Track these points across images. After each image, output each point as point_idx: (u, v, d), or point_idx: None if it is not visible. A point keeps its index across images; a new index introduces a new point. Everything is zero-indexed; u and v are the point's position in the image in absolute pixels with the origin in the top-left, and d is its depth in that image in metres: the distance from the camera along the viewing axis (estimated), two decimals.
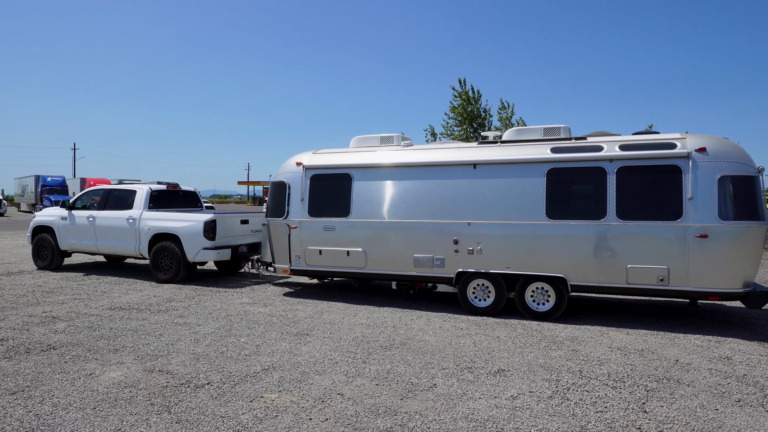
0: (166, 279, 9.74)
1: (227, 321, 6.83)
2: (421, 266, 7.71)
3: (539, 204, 7.07)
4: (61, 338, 5.90)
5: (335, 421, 3.83)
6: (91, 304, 7.75)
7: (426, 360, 5.30)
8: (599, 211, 6.80)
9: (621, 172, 6.74)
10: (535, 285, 7.19)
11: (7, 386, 4.43)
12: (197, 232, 9.50)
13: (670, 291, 6.55)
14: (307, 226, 8.39)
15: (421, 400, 4.25)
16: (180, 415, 3.90)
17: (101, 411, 3.96)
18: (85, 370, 4.86)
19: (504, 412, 4.01)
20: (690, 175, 6.43)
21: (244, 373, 4.82)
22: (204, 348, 5.61)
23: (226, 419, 3.84)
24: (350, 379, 4.73)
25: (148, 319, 6.86)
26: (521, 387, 4.56)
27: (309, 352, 5.53)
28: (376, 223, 7.95)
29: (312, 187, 8.45)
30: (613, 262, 6.71)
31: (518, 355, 5.51)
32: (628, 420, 3.89)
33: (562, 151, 7.12)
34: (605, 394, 4.42)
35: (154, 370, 4.87)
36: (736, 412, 4.07)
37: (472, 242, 7.39)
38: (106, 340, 5.87)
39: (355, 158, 8.31)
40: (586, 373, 4.93)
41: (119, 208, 10.44)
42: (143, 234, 9.98)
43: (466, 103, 26.93)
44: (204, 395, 4.29)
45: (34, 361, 5.09)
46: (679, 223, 6.42)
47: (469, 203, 7.44)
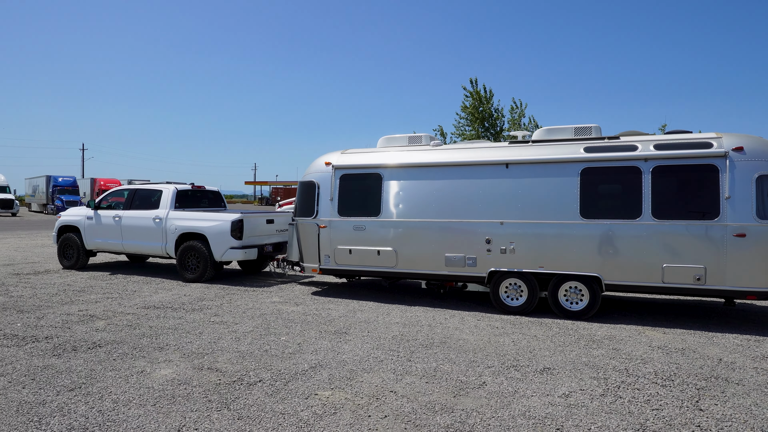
0: (193, 278, 9.81)
1: (263, 320, 6.88)
2: (452, 265, 7.73)
3: (573, 203, 7.08)
4: (104, 336, 5.96)
5: (394, 419, 3.86)
6: (124, 303, 7.81)
7: (469, 358, 5.33)
8: (634, 211, 6.80)
9: (656, 172, 6.75)
10: (569, 284, 7.20)
11: (64, 383, 4.48)
12: (224, 231, 9.55)
13: (707, 290, 6.55)
14: (336, 226, 8.43)
15: (474, 398, 4.27)
16: (240, 411, 3.94)
17: (162, 407, 4.00)
18: (135, 367, 4.92)
19: (560, 410, 4.03)
20: (727, 175, 6.43)
21: (293, 371, 4.85)
22: (247, 346, 5.65)
23: (287, 416, 3.87)
24: (399, 377, 4.76)
25: (185, 318, 6.91)
26: (571, 385, 4.58)
27: (351, 350, 5.56)
28: (408, 223, 7.98)
29: (342, 187, 8.49)
30: (648, 262, 6.72)
31: (560, 353, 5.53)
32: (686, 418, 3.91)
33: (595, 151, 7.13)
34: (656, 392, 4.43)
35: (203, 368, 4.91)
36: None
37: (505, 241, 7.41)
38: (148, 338, 5.92)
39: (386, 158, 8.34)
40: (632, 372, 4.94)
41: (145, 207, 10.52)
42: (170, 233, 10.04)
43: (478, 103, 26.94)
44: (259, 392, 4.33)
45: (83, 359, 5.14)
46: (717, 222, 6.42)
47: (501, 203, 7.46)
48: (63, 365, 4.95)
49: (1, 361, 5.05)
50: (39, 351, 5.38)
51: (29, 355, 5.25)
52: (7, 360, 5.07)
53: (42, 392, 4.28)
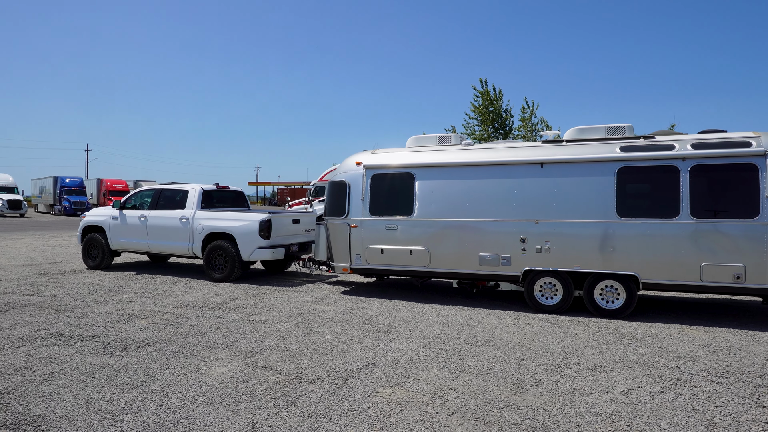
0: (221, 278, 9.84)
1: (302, 319, 6.90)
2: (486, 264, 7.75)
3: (610, 202, 7.10)
4: (149, 335, 5.99)
5: (462, 415, 3.89)
6: (158, 302, 7.84)
7: (518, 356, 5.35)
8: (672, 210, 6.82)
9: (694, 171, 6.77)
10: (605, 283, 7.22)
11: (125, 381, 4.51)
12: (253, 231, 9.58)
13: (747, 289, 6.57)
14: (368, 225, 8.46)
15: (534, 395, 4.29)
16: (308, 408, 3.97)
17: (229, 404, 4.03)
18: (189, 365, 4.94)
19: (624, 407, 4.05)
20: (766, 173, 6.45)
21: (348, 369, 4.88)
22: (294, 345, 5.68)
23: (355, 413, 3.90)
24: (454, 375, 4.78)
25: (224, 317, 6.94)
26: (627, 383, 4.60)
27: (399, 348, 5.59)
28: (441, 222, 8.01)
29: (373, 187, 8.52)
30: (687, 260, 6.74)
31: (606, 352, 5.55)
32: (752, 415, 3.93)
33: (632, 150, 7.15)
34: (714, 389, 4.45)
35: (257, 366, 4.94)
36: None
37: (540, 241, 7.44)
38: (193, 337, 5.95)
39: (418, 158, 8.37)
40: (684, 370, 4.97)
41: (171, 207, 10.55)
42: (197, 233, 10.07)
43: (488, 103, 26.98)
44: (321, 390, 4.35)
45: (136, 357, 5.17)
46: (757, 221, 6.44)
47: (536, 202, 7.48)
48: (118, 363, 4.98)
49: (57, 359, 5.08)
50: (90, 349, 5.41)
51: (81, 353, 5.28)
52: (62, 358, 5.11)
53: (106, 390, 4.31)
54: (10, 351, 5.32)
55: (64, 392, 4.25)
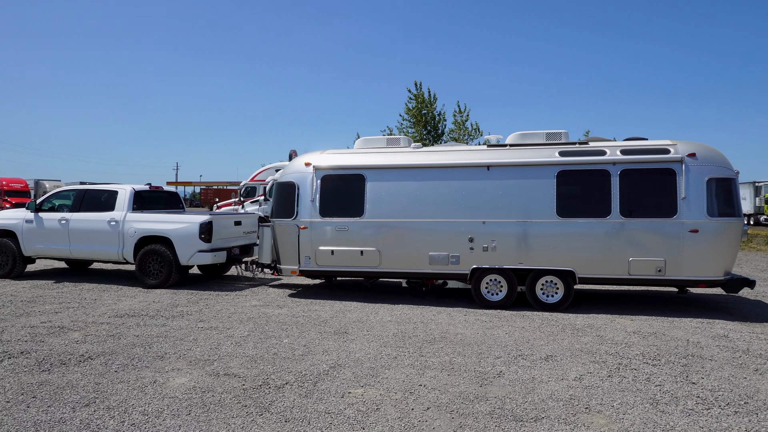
0: (156, 284, 9.35)
1: (254, 324, 6.75)
2: (436, 264, 7.97)
3: (550, 203, 7.56)
4: (89, 348, 5.61)
5: (437, 410, 4.02)
6: (90, 313, 7.34)
7: (475, 351, 5.58)
8: (605, 210, 7.39)
9: (623, 175, 7.37)
10: (545, 278, 7.68)
11: (73, 399, 4.21)
12: (192, 234, 9.21)
13: (667, 280, 7.26)
14: (318, 227, 8.41)
15: (498, 386, 4.51)
16: (283, 414, 3.93)
17: (198, 416, 3.89)
18: (144, 378, 4.70)
19: (579, 392, 4.37)
20: (683, 177, 7.16)
21: (315, 372, 4.86)
22: (252, 350, 5.56)
23: (333, 415, 3.91)
24: (420, 371, 4.91)
25: (169, 325, 6.63)
26: (578, 369, 4.95)
27: (361, 349, 5.64)
28: (392, 223, 8.13)
29: (323, 188, 8.48)
30: (617, 256, 7.32)
31: (554, 342, 5.92)
32: (686, 391, 4.38)
33: (569, 155, 7.65)
34: (651, 371, 4.90)
35: (219, 374, 4.80)
36: (760, 379, 4.68)
37: (487, 240, 7.77)
38: (140, 347, 5.65)
39: (369, 159, 8.43)
40: (623, 355, 5.41)
41: (97, 209, 9.88)
42: (128, 237, 9.51)
43: (422, 106, 27.59)
44: (292, 394, 4.31)
45: (80, 372, 4.84)
46: (675, 220, 7.14)
47: (483, 203, 7.80)
48: (60, 380, 4.63)
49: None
50: (22, 367, 4.99)
51: (12, 372, 4.86)
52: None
53: (54, 410, 4.01)
54: None
55: (2, 416, 3.90)
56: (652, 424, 3.73)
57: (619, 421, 3.78)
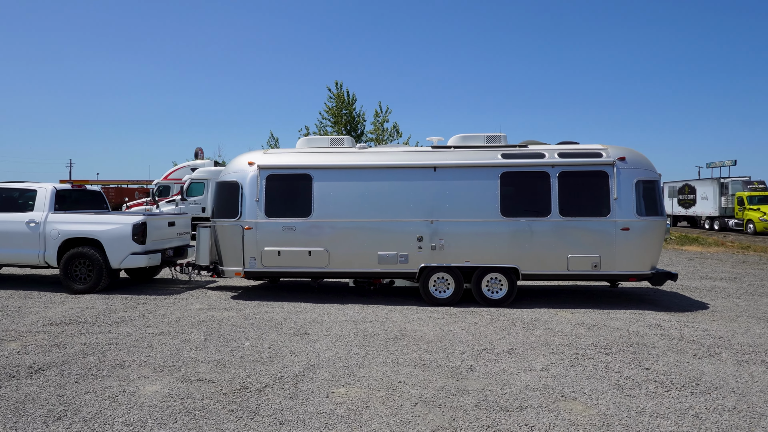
0: (84, 289, 8.66)
1: (207, 327, 6.50)
2: (385, 263, 8.09)
3: (494, 203, 7.94)
4: (35, 359, 5.14)
5: (424, 404, 4.13)
6: (19, 321, 6.69)
7: (440, 347, 5.76)
8: (545, 209, 7.89)
9: (561, 176, 7.92)
10: (490, 275, 8.05)
11: (40, 413, 3.87)
12: (124, 235, 8.63)
13: (602, 275, 7.90)
14: (264, 227, 8.22)
15: (474, 380, 4.72)
16: (275, 416, 3.86)
17: (187, 423, 3.73)
18: (110, 387, 4.41)
19: (550, 381, 4.68)
20: (615, 179, 7.83)
21: (290, 374, 4.80)
22: (217, 355, 5.37)
23: (325, 415, 3.90)
24: (394, 369, 5.00)
25: (115, 332, 6.21)
26: (541, 360, 5.28)
27: (327, 349, 5.62)
28: (340, 223, 8.14)
29: (268, 188, 8.30)
30: (557, 253, 7.85)
31: (510, 336, 6.26)
32: (643, 376, 4.83)
33: (511, 157, 8.09)
34: (606, 359, 5.35)
35: (191, 380, 4.60)
36: (700, 362, 5.27)
37: (435, 239, 8.01)
38: (93, 356, 5.26)
39: (315, 159, 8.38)
40: (576, 346, 5.84)
41: (13, 210, 8.99)
42: (50, 239, 8.73)
43: (341, 105, 27.65)
44: (276, 397, 4.24)
45: (36, 385, 4.44)
46: (608, 218, 7.78)
47: (431, 203, 8.03)
48: (15, 394, 4.23)
49: None
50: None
51: None
52: None
53: (23, 425, 3.67)
54: None
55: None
56: (625, 407, 4.09)
57: (595, 406, 4.11)
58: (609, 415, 3.93)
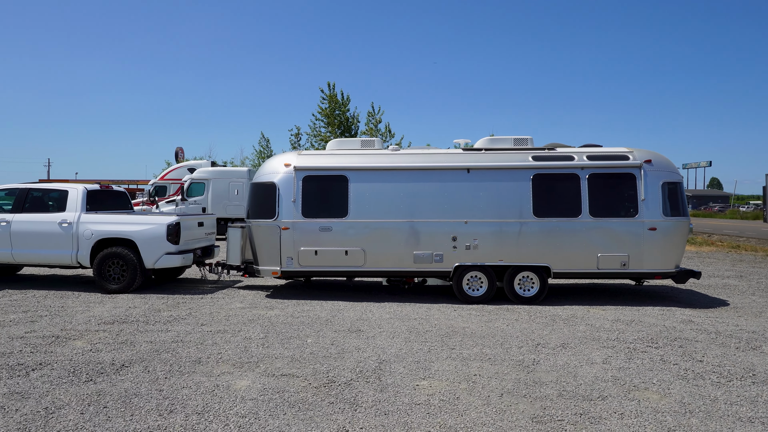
0: (118, 289, 8.69)
1: (260, 325, 6.63)
2: (421, 262, 8.31)
3: (527, 204, 8.23)
4: (113, 356, 5.24)
5: (510, 395, 4.37)
6: (71, 320, 6.75)
7: (494, 342, 6.00)
8: (576, 210, 8.20)
9: (591, 178, 8.24)
10: (522, 274, 8.33)
11: (150, 407, 4.01)
12: (159, 236, 8.69)
13: (629, 273, 8.25)
14: (300, 228, 8.37)
15: (544, 372, 4.97)
16: (377, 407, 4.06)
17: (297, 414, 3.90)
18: (202, 383, 4.55)
19: (616, 372, 4.95)
20: (642, 181, 8.18)
21: (368, 368, 4.99)
22: (285, 351, 5.52)
23: (423, 405, 4.11)
24: (464, 363, 5.22)
25: (173, 330, 6.32)
26: (598, 354, 5.56)
27: (390, 345, 5.82)
28: (376, 223, 8.33)
29: (305, 189, 8.45)
30: (587, 252, 8.17)
31: (555, 332, 6.53)
32: (700, 368, 5.13)
33: (542, 160, 8.39)
34: (658, 353, 5.65)
35: (276, 375, 4.76)
36: (746, 355, 5.61)
37: (469, 239, 8.26)
38: (165, 353, 5.38)
39: (351, 161, 8.56)
40: (624, 340, 6.14)
41: (44, 210, 8.97)
42: (83, 240, 8.74)
43: (335, 106, 27.79)
44: (367, 389, 4.43)
45: (130, 381, 4.56)
46: (636, 219, 8.13)
47: (465, 204, 8.28)
48: (116, 389, 4.36)
49: (29, 394, 4.24)
50: (56, 378, 4.60)
51: (51, 383, 4.48)
52: (36, 392, 4.27)
53: (139, 418, 3.79)
54: None
55: (92, 428, 3.63)
56: (698, 396, 4.38)
57: (670, 395, 4.39)
58: (687, 403, 4.21)
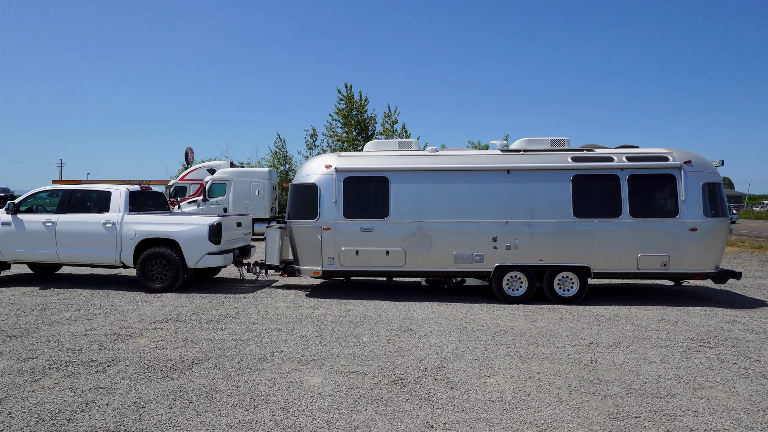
0: (161, 288, 8.84)
1: (312, 324, 6.75)
2: (461, 262, 8.40)
3: (567, 205, 8.29)
4: (179, 354, 5.37)
5: (579, 393, 4.44)
6: (125, 318, 6.89)
7: (546, 341, 6.07)
8: (616, 211, 8.25)
9: (631, 179, 8.29)
10: (562, 274, 8.39)
11: (232, 402, 4.12)
12: (201, 236, 8.83)
13: (670, 274, 8.28)
14: (342, 228, 8.48)
15: (606, 370, 5.03)
16: (452, 403, 4.15)
17: (377, 410, 4.00)
18: (276, 379, 4.67)
19: (677, 371, 5.01)
20: (682, 182, 8.22)
21: (432, 366, 5.08)
22: (345, 349, 5.63)
23: (498, 402, 4.20)
24: (523, 361, 5.30)
25: (228, 329, 6.44)
26: (654, 353, 5.61)
27: (445, 343, 5.91)
28: (418, 224, 8.42)
29: (346, 190, 8.56)
30: (627, 252, 8.21)
31: (604, 331, 6.59)
32: (760, 367, 5.18)
33: (582, 161, 8.44)
34: (713, 351, 5.70)
35: (344, 372, 4.87)
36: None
37: (510, 239, 8.33)
38: (229, 351, 5.51)
39: (391, 162, 8.66)
40: (674, 339, 6.19)
41: (88, 211, 9.14)
42: (127, 240, 8.90)
43: (351, 106, 27.95)
44: (437, 386, 4.52)
45: (205, 377, 4.68)
46: (677, 219, 8.17)
47: (505, 204, 8.36)
48: (193, 385, 4.49)
49: (113, 389, 4.37)
50: (133, 374, 4.74)
51: (131, 379, 4.62)
52: (120, 387, 4.41)
53: (227, 413, 3.91)
54: (44, 386, 4.37)
55: (184, 422, 3.75)
56: (765, 394, 4.44)
57: (737, 393, 4.45)
58: (756, 402, 4.27)
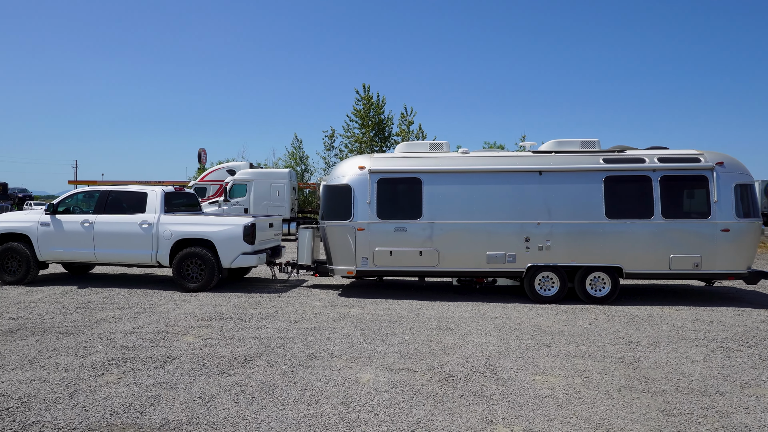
0: (197, 287, 9.03)
1: (352, 323, 6.88)
2: (493, 262, 8.49)
3: (599, 206, 8.35)
4: (230, 351, 5.53)
5: (629, 390, 4.52)
6: (168, 317, 7.08)
7: (585, 340, 6.15)
8: (648, 211, 8.29)
9: (663, 180, 8.33)
10: (594, 274, 8.45)
11: (294, 398, 4.27)
12: (236, 236, 9.00)
13: (702, 274, 8.31)
14: (376, 228, 8.61)
15: (650, 369, 5.10)
16: (506, 399, 4.25)
17: (435, 404, 4.11)
18: (329, 376, 4.80)
19: (721, 370, 5.07)
20: (714, 183, 8.24)
21: (479, 364, 5.19)
22: (391, 347, 5.75)
23: (552, 398, 4.30)
24: (567, 359, 5.39)
25: (271, 327, 6.59)
26: (695, 352, 5.67)
27: (487, 342, 6.01)
28: (451, 224, 8.53)
29: (379, 191, 8.69)
30: (659, 253, 8.25)
31: (640, 330, 6.64)
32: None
33: (613, 162, 8.50)
34: (754, 351, 5.74)
35: (394, 369, 4.99)
36: None
37: (542, 240, 8.40)
38: (277, 348, 5.66)
39: (424, 163, 8.77)
40: (713, 339, 6.24)
41: (125, 212, 9.34)
42: (163, 240, 9.09)
43: (368, 107, 28.11)
44: (488, 383, 4.63)
45: (261, 373, 4.83)
46: (709, 220, 8.19)
47: (537, 205, 8.44)
48: (252, 380, 4.65)
49: (175, 384, 4.53)
50: (190, 370, 4.90)
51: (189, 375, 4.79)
52: (180, 382, 4.57)
53: (292, 407, 4.06)
54: (108, 381, 4.54)
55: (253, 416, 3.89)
56: None
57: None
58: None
